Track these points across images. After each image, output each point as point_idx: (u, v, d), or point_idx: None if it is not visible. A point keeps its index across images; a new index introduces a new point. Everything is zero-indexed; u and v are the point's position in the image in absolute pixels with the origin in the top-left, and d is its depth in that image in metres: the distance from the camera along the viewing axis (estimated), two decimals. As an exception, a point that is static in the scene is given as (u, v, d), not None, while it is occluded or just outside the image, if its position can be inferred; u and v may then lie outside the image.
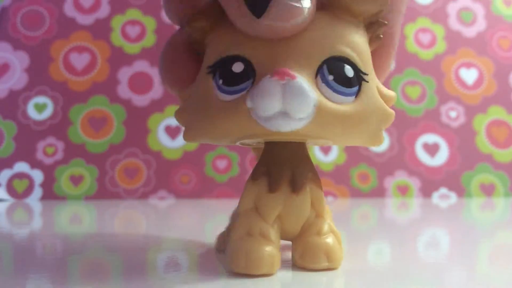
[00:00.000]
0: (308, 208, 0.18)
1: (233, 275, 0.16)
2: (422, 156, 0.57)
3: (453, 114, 0.59)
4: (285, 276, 0.17)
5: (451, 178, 0.56)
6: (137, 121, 0.56)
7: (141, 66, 0.58)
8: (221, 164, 0.55)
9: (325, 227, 0.18)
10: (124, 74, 0.57)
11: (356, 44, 0.16)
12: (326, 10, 0.16)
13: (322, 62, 0.16)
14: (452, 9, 0.63)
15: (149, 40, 0.58)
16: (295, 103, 0.15)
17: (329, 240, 0.17)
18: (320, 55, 0.16)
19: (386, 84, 0.59)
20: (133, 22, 0.59)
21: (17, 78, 0.56)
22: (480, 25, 0.62)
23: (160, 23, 0.59)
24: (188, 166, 0.55)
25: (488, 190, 0.56)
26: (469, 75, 0.60)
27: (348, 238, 0.27)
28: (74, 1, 0.59)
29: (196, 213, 0.42)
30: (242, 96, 0.16)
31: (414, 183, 0.56)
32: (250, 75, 0.16)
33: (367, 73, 0.16)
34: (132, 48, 0.58)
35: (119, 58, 0.58)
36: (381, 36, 0.17)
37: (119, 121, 0.56)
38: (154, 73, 0.58)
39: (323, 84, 0.16)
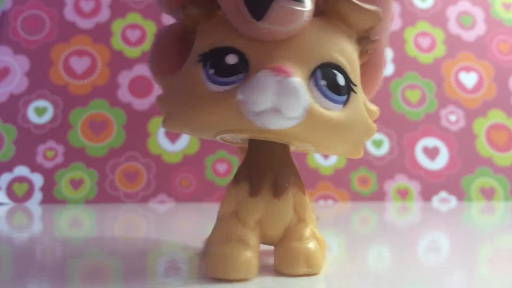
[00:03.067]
0: (290, 212, 0.17)
1: (234, 281, 0.16)
2: (422, 159, 0.57)
3: (453, 118, 0.59)
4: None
5: (451, 182, 0.56)
6: (137, 125, 0.56)
7: (141, 70, 0.58)
8: (221, 167, 0.55)
9: (307, 232, 0.17)
10: (124, 78, 0.57)
11: (349, 54, 0.16)
12: (324, 17, 0.16)
13: (317, 67, 0.16)
14: (451, 13, 0.63)
15: (150, 44, 0.58)
16: (288, 100, 0.14)
17: (310, 245, 0.17)
18: (316, 59, 0.16)
19: (385, 87, 0.59)
20: (133, 26, 0.59)
21: (17, 82, 0.56)
22: (480, 29, 0.62)
23: (160, 27, 0.59)
24: (188, 169, 0.55)
25: (488, 194, 0.56)
26: (469, 79, 0.60)
27: (348, 241, 0.27)
28: (74, 5, 0.59)
29: (196, 217, 0.42)
30: (233, 88, 0.15)
31: (414, 187, 0.56)
32: (242, 69, 0.16)
33: (356, 84, 0.16)
34: (132, 52, 0.58)
35: (119, 62, 0.58)
36: (369, 52, 0.17)
37: (119, 124, 0.56)
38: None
39: (315, 88, 0.15)
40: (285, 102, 0.14)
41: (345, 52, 0.16)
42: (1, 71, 0.57)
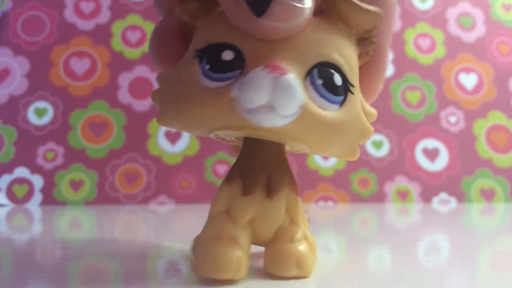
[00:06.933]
0: (282, 213, 0.17)
1: (225, 281, 0.16)
2: (422, 161, 0.57)
3: (452, 119, 0.59)
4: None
5: (451, 183, 0.56)
6: (137, 126, 0.56)
7: (142, 71, 0.58)
8: (221, 169, 0.55)
9: (299, 234, 0.17)
10: (125, 79, 0.57)
11: (347, 54, 0.16)
12: (323, 17, 0.16)
13: (314, 65, 0.16)
14: (451, 14, 0.63)
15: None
16: (283, 98, 0.14)
17: (301, 247, 0.17)
18: (313, 57, 0.16)
19: (385, 88, 0.59)
20: (133, 27, 0.59)
21: (17, 83, 0.56)
22: (480, 30, 0.62)
23: (160, 29, 0.59)
24: (188, 171, 0.55)
25: (488, 195, 0.56)
26: (469, 80, 0.60)
27: (348, 243, 0.27)
28: (74, 6, 0.60)
29: (196, 218, 0.42)
30: (228, 84, 0.15)
31: (414, 188, 0.56)
32: (239, 65, 0.15)
33: (354, 85, 0.16)
34: (132, 53, 0.58)
35: (119, 63, 0.58)
36: (370, 53, 0.17)
37: (119, 126, 0.56)
38: (155, 78, 0.58)
39: (311, 87, 0.15)
40: (280, 100, 0.14)
41: (344, 52, 0.16)
42: (1, 73, 0.57)
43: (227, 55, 0.16)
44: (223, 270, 0.16)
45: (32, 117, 0.55)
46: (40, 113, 0.56)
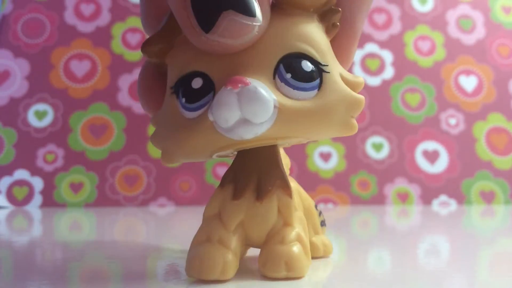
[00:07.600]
0: (274, 215, 0.17)
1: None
2: (422, 163, 0.57)
3: (452, 121, 0.59)
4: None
5: (451, 185, 0.56)
6: (137, 128, 0.56)
7: (142, 73, 0.58)
8: (222, 171, 0.55)
9: (291, 235, 0.17)
10: (125, 81, 0.58)
11: (310, 36, 0.16)
12: (274, 8, 0.16)
13: (278, 62, 0.16)
14: (451, 17, 0.63)
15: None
16: (253, 108, 0.14)
17: (293, 248, 0.17)
18: (274, 55, 0.16)
19: (385, 91, 0.59)
20: (133, 30, 0.60)
21: (17, 85, 0.56)
22: (480, 32, 0.62)
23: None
24: (188, 173, 0.55)
25: (488, 197, 0.56)
26: (469, 83, 0.60)
27: (348, 245, 0.27)
28: (74, 9, 0.60)
29: (196, 221, 0.42)
30: (205, 111, 0.15)
31: (414, 190, 0.56)
32: (210, 89, 0.16)
33: (326, 63, 0.16)
34: (132, 56, 0.58)
35: (119, 66, 0.58)
36: (338, 24, 0.17)
37: (119, 128, 0.56)
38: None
39: (282, 83, 0.15)
40: (251, 111, 0.14)
41: (307, 36, 0.16)
42: (2, 75, 0.57)
43: (196, 83, 0.16)
44: (209, 271, 0.16)
45: (32, 119, 0.55)
46: (40, 115, 0.56)
